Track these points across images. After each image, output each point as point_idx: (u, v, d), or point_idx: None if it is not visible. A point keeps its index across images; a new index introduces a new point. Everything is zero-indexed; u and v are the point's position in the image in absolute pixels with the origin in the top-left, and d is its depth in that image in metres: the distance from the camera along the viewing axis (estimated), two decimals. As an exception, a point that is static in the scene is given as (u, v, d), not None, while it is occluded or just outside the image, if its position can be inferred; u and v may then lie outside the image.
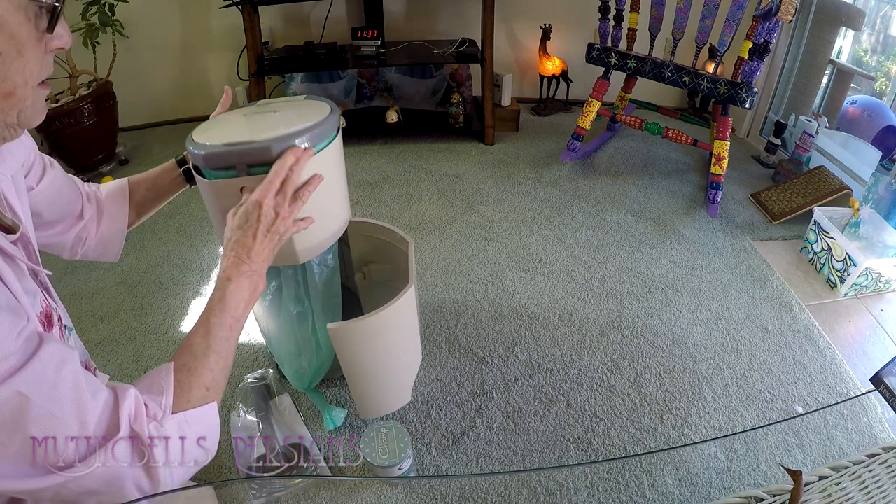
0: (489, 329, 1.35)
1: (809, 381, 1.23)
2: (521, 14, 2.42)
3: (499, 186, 1.94)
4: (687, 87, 1.73)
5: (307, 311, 0.97)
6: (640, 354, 1.29)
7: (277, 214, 0.67)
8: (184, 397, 0.58)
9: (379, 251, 1.16)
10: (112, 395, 0.52)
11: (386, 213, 1.79)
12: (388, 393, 1.06)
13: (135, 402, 0.52)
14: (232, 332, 0.64)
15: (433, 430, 1.10)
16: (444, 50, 2.15)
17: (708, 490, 1.00)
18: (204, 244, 1.67)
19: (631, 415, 1.14)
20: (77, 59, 1.92)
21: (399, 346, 1.01)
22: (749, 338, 1.34)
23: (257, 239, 0.66)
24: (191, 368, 0.59)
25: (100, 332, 1.35)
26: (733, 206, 1.85)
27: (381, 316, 0.90)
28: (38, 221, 0.71)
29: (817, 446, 1.09)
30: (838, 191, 1.72)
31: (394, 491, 0.99)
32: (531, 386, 1.20)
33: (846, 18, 1.91)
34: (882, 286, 1.50)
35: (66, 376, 0.48)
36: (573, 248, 1.64)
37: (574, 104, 2.59)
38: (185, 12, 2.24)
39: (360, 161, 2.10)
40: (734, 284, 1.51)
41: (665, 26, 1.84)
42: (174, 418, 0.55)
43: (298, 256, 0.84)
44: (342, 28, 2.30)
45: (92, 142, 2.00)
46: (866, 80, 2.08)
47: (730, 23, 1.64)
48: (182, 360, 0.60)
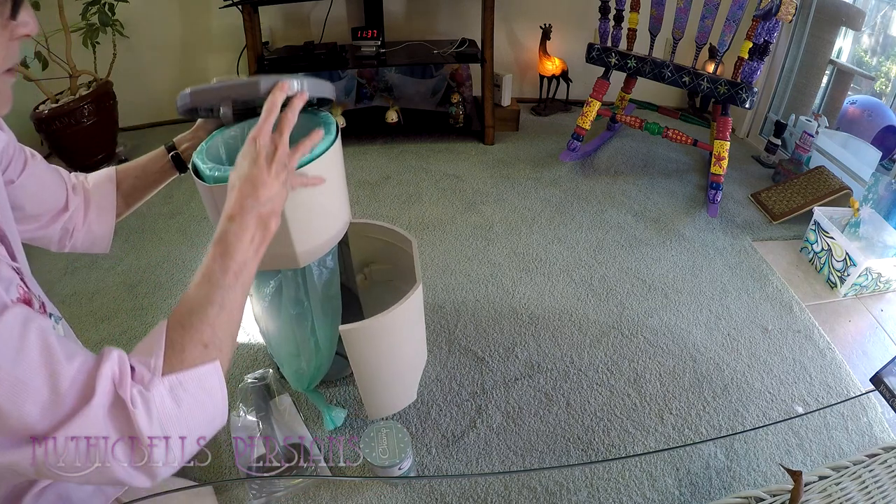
0: (489, 329, 1.35)
1: (809, 381, 1.23)
2: (521, 14, 2.42)
3: (499, 186, 1.94)
4: (687, 87, 1.73)
5: (306, 312, 0.97)
6: (640, 354, 1.29)
7: (276, 147, 0.61)
8: (176, 357, 0.51)
9: (380, 251, 1.17)
10: (91, 358, 0.48)
11: (386, 213, 1.79)
12: (396, 392, 1.07)
13: (118, 365, 0.48)
14: (237, 280, 0.56)
15: (433, 430, 1.10)
16: (444, 50, 2.15)
17: (708, 490, 1.00)
18: (204, 244, 1.67)
19: (631, 415, 1.14)
20: (77, 59, 1.92)
21: (408, 344, 1.02)
22: (749, 338, 1.34)
23: (261, 168, 0.59)
24: (185, 324, 0.53)
25: (100, 332, 1.34)
26: (733, 206, 1.85)
27: (392, 315, 0.90)
28: (21, 215, 0.70)
29: (817, 446, 1.09)
30: (838, 191, 1.72)
31: (394, 491, 0.99)
32: (531, 386, 1.20)
33: (846, 18, 1.91)
34: (882, 286, 1.50)
35: (33, 339, 0.44)
36: (573, 248, 1.64)
37: (574, 104, 2.59)
38: (185, 12, 2.24)
39: (360, 161, 2.10)
40: (734, 284, 1.51)
41: (665, 26, 1.84)
42: (165, 381, 0.50)
43: (299, 260, 0.83)
44: (342, 28, 2.30)
45: (92, 142, 2.00)
46: (866, 80, 2.08)
47: (730, 23, 1.64)
48: (177, 316, 0.54)
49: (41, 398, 0.43)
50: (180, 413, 0.50)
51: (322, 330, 0.99)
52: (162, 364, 0.50)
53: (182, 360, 0.52)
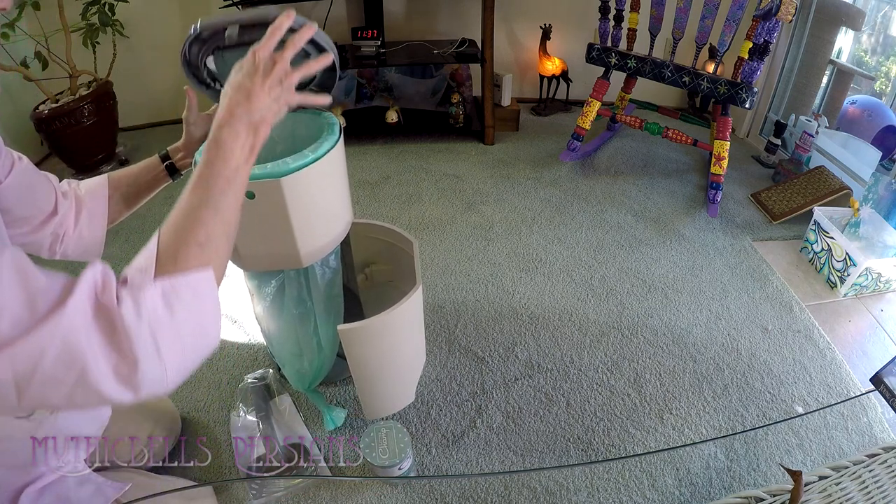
0: (489, 329, 1.35)
1: (809, 381, 1.23)
2: (521, 14, 2.42)
3: (499, 186, 1.94)
4: (687, 87, 1.73)
5: (309, 312, 0.97)
6: (640, 354, 1.29)
7: (275, 63, 0.61)
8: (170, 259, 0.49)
9: (381, 252, 1.17)
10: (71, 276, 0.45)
11: (386, 213, 1.79)
12: (394, 392, 1.07)
13: (102, 274, 0.46)
14: (230, 186, 0.56)
15: (433, 430, 1.10)
16: (444, 50, 2.15)
17: (708, 490, 1.01)
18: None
19: (631, 415, 1.14)
20: (77, 59, 1.92)
21: (407, 345, 1.02)
22: (749, 338, 1.34)
23: (255, 80, 0.59)
24: (179, 227, 0.51)
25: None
26: (733, 206, 1.85)
27: (391, 316, 0.90)
28: (9, 218, 0.70)
29: (817, 446, 1.09)
30: (838, 191, 1.72)
31: (394, 491, 0.99)
32: (531, 386, 1.20)
33: (846, 18, 1.91)
34: (882, 286, 1.50)
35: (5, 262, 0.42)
36: (573, 248, 1.64)
37: (574, 104, 2.59)
38: (185, 12, 2.24)
39: (360, 161, 2.10)
40: (734, 284, 1.51)
41: (665, 26, 1.84)
42: (157, 284, 0.47)
43: (302, 260, 0.84)
44: (342, 28, 2.30)
45: (92, 142, 2.00)
46: (866, 80, 2.08)
47: (730, 23, 1.64)
48: (170, 222, 0.52)
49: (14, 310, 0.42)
50: (172, 320, 0.47)
51: (324, 330, 0.99)
52: (154, 267, 0.48)
53: (175, 262, 0.49)
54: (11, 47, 1.80)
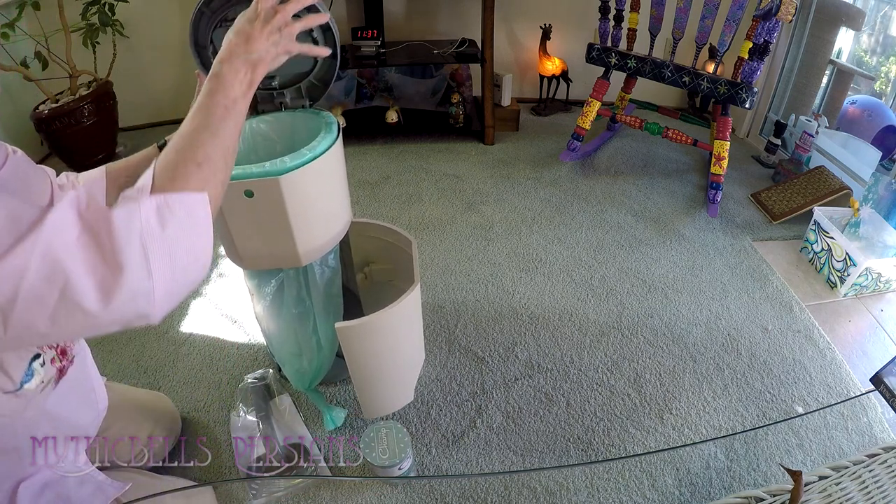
0: (489, 329, 1.35)
1: (809, 381, 1.23)
2: (521, 14, 2.42)
3: (499, 186, 1.94)
4: (687, 87, 1.73)
5: (308, 311, 0.97)
6: (640, 354, 1.29)
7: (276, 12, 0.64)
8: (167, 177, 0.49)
9: (380, 251, 1.17)
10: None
11: (386, 213, 1.79)
12: (392, 392, 1.07)
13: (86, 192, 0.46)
14: (228, 114, 0.59)
15: (433, 430, 1.10)
16: (444, 50, 2.15)
17: (708, 490, 1.00)
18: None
19: (631, 415, 1.14)
20: (77, 59, 1.92)
21: (405, 344, 1.02)
22: (749, 338, 1.34)
23: (255, 26, 0.63)
24: (178, 147, 0.52)
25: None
26: (733, 206, 1.85)
27: (389, 314, 0.90)
28: None
29: (817, 446, 1.09)
30: (838, 191, 1.72)
31: (394, 491, 0.99)
32: (531, 386, 1.20)
33: (846, 18, 1.91)
34: (882, 286, 1.50)
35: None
36: (573, 248, 1.64)
37: (574, 104, 2.59)
38: (185, 12, 2.24)
39: (360, 161, 2.10)
40: (734, 284, 1.51)
41: (665, 26, 1.84)
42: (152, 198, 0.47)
43: (301, 259, 0.83)
44: (342, 28, 2.30)
45: (92, 142, 2.00)
46: (866, 80, 2.08)
47: (730, 23, 1.64)
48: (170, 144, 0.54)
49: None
50: (163, 234, 0.47)
51: (324, 329, 0.99)
52: (150, 182, 0.48)
53: (173, 180, 0.50)
54: (11, 47, 1.80)
